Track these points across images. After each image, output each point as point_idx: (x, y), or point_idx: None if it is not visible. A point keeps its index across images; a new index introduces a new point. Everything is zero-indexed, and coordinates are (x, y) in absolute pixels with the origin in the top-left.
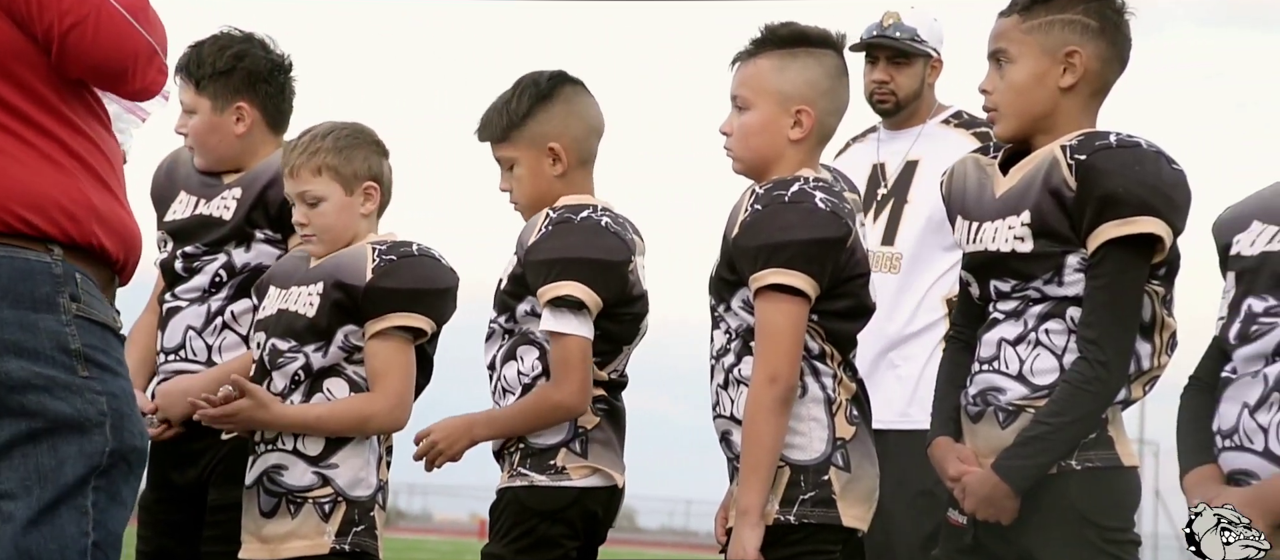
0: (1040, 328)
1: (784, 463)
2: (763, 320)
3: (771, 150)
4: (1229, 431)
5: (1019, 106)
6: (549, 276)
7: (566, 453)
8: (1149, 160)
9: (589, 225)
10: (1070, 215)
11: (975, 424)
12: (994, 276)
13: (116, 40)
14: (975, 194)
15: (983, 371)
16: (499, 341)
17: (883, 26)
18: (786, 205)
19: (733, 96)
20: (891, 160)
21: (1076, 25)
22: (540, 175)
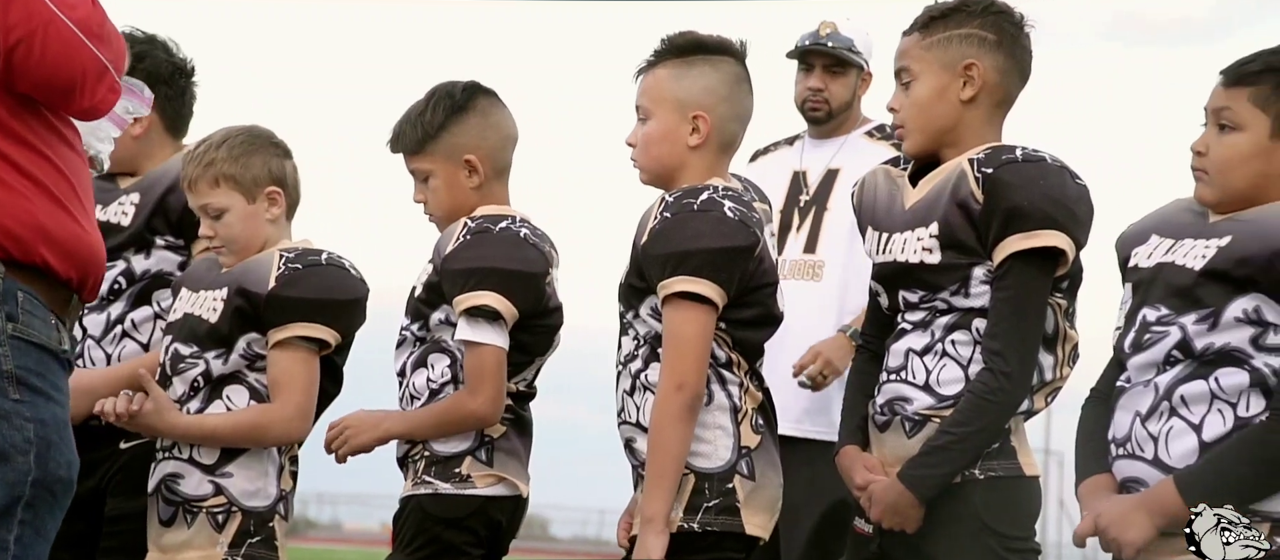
0: (947, 339)
1: (689, 470)
2: (670, 327)
3: (673, 158)
4: (1123, 440)
5: (923, 122)
6: (466, 286)
7: (471, 461)
8: (1053, 175)
9: (507, 236)
10: (977, 228)
11: (882, 433)
12: (902, 287)
13: (64, 58)
14: (885, 205)
15: (890, 381)
16: (410, 348)
17: (819, 35)
18: (695, 213)
19: (636, 107)
20: (813, 168)
21: (973, 38)
22: (456, 187)
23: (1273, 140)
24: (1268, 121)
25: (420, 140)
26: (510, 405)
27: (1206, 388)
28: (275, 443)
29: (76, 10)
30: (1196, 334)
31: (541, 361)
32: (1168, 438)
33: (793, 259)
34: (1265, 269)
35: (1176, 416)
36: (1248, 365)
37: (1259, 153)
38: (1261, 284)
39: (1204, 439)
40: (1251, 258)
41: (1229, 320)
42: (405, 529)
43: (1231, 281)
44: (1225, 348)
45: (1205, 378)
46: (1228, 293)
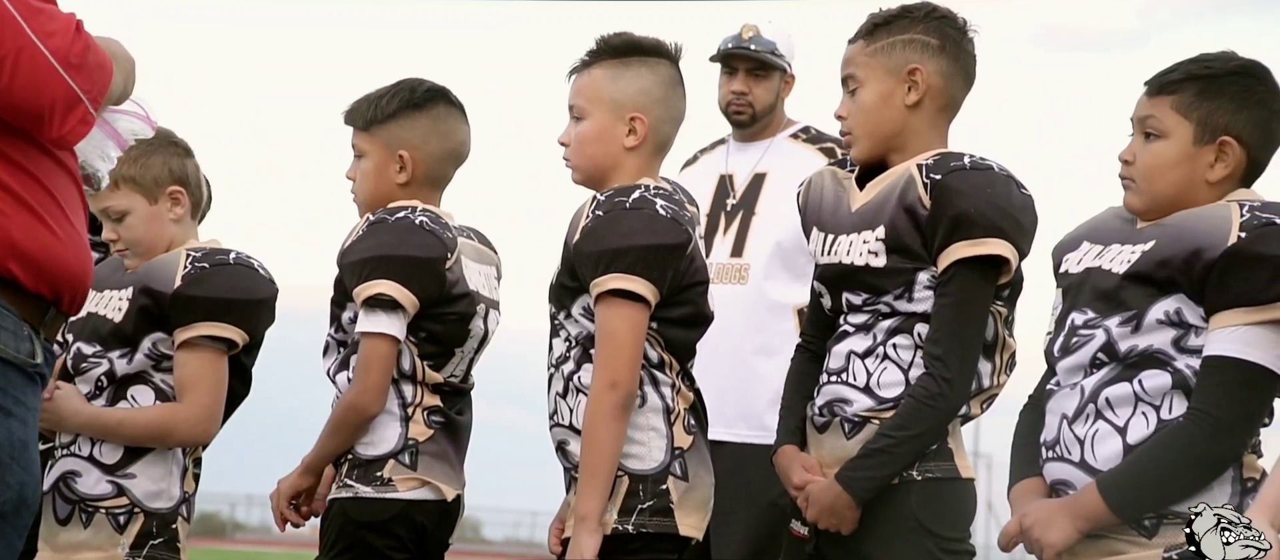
0: (888, 342)
1: (623, 472)
2: (603, 326)
3: (607, 158)
4: (1052, 443)
5: (870, 127)
6: (361, 276)
7: (394, 464)
8: (1000, 183)
9: (402, 224)
10: (923, 233)
11: (821, 434)
12: (846, 289)
13: (34, 86)
14: (831, 207)
15: (830, 383)
16: (334, 353)
17: (742, 38)
18: (628, 211)
19: (569, 107)
20: (740, 172)
21: (916, 44)
22: (383, 177)
23: (1196, 146)
24: (1190, 128)
25: (368, 120)
26: (438, 407)
27: (1130, 390)
28: (181, 444)
29: (53, 38)
30: (1120, 336)
31: (467, 354)
32: (1094, 440)
33: (719, 262)
34: (1184, 270)
35: (1102, 419)
36: (1170, 367)
37: (1183, 159)
38: (1181, 285)
39: (1129, 442)
40: (1171, 259)
41: (1151, 322)
42: (329, 532)
43: (1154, 284)
44: (1148, 350)
45: (1129, 380)
46: (1150, 295)
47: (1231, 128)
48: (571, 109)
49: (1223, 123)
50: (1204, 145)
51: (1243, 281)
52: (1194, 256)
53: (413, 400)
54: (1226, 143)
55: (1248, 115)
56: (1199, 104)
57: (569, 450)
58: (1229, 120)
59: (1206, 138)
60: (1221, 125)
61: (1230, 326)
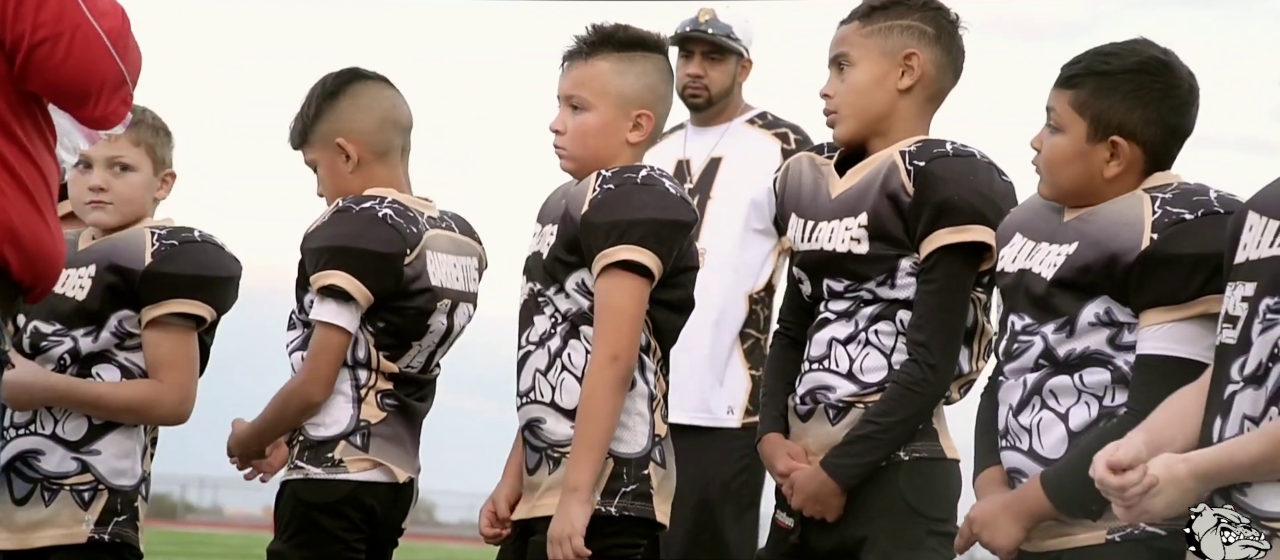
0: (870, 328)
1: (609, 455)
2: (607, 298)
3: (608, 151)
4: (1004, 432)
5: (858, 108)
6: (318, 264)
7: (345, 445)
8: (982, 171)
9: (366, 215)
10: (906, 220)
11: (805, 422)
12: (828, 276)
13: (87, 64)
14: (810, 193)
15: (812, 371)
16: (298, 331)
17: (698, 22)
18: (639, 186)
19: (567, 96)
20: (696, 156)
21: (914, 30)
22: (336, 172)
23: (1089, 144)
24: (1084, 125)
25: (302, 133)
26: (392, 391)
27: (1072, 383)
28: (160, 422)
29: (107, 18)
30: (1057, 342)
31: (426, 348)
32: (1039, 429)
33: None
34: (1105, 274)
35: (1046, 409)
36: (1110, 365)
37: (1078, 155)
38: (1105, 288)
39: (1071, 428)
40: (1091, 265)
41: (1084, 325)
42: (281, 515)
43: (1079, 288)
44: (1086, 351)
45: (1071, 375)
46: (1078, 300)
47: (1124, 127)
48: (570, 98)
49: (1115, 121)
50: (1097, 143)
51: (1160, 283)
52: (1112, 262)
53: (367, 383)
54: (1117, 142)
55: (1141, 114)
56: (1093, 102)
57: (544, 429)
58: (1122, 119)
59: (1099, 136)
60: (1114, 124)
61: (1157, 324)
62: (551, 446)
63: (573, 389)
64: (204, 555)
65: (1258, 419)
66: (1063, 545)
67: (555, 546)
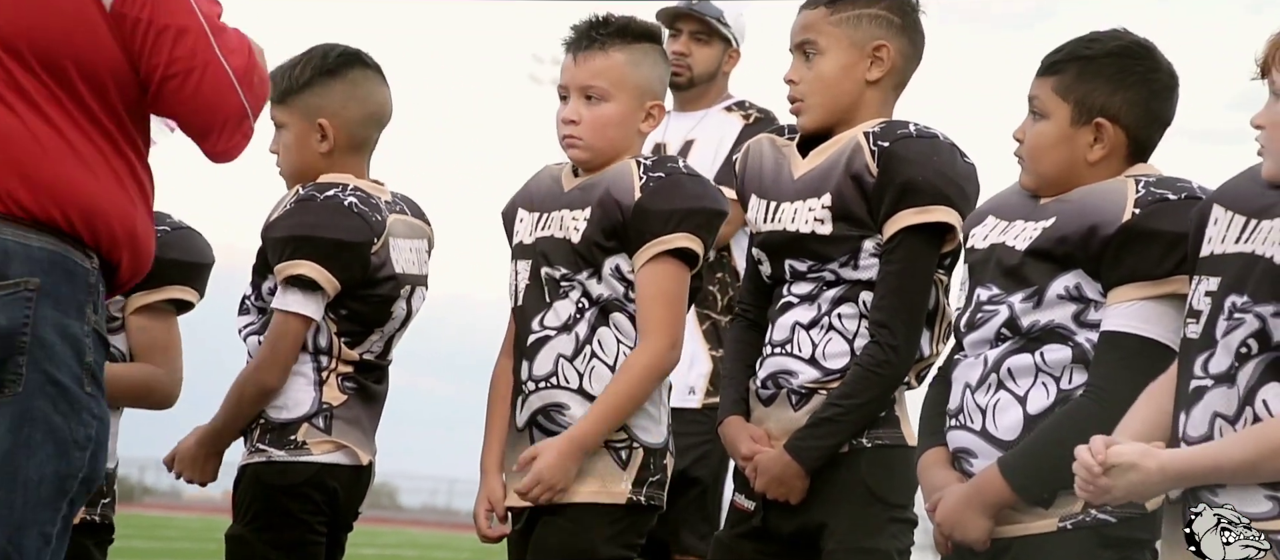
0: (833, 312)
1: (639, 444)
2: (663, 285)
3: (625, 142)
4: (955, 411)
5: (826, 97)
6: (284, 254)
7: (308, 427)
8: (945, 151)
9: (331, 204)
10: (869, 200)
11: (767, 407)
12: (790, 256)
13: (214, 101)
14: (773, 173)
15: (775, 355)
16: (253, 316)
17: (691, 2)
18: (687, 177)
19: (583, 87)
20: (674, 141)
21: (882, 20)
22: (306, 148)
23: (1073, 127)
24: (1068, 109)
25: (284, 91)
26: (352, 374)
27: (1031, 361)
28: (158, 406)
29: (235, 55)
30: (1023, 312)
31: (387, 334)
32: (995, 410)
33: None
34: (1081, 246)
35: (1003, 389)
36: (1071, 341)
37: (1062, 139)
38: (1079, 261)
39: (1028, 411)
40: (1069, 236)
41: (1052, 297)
42: (242, 499)
43: (1053, 260)
44: (1050, 325)
45: (1031, 352)
46: (1051, 271)
47: (1107, 109)
48: (587, 89)
49: (1098, 104)
50: (1081, 126)
51: (1136, 257)
52: (1090, 233)
53: (327, 366)
54: (1101, 124)
55: (1124, 96)
56: (1076, 85)
57: (566, 416)
58: (1105, 101)
59: (1083, 119)
60: (1097, 106)
61: (1126, 301)
62: (557, 432)
63: (603, 376)
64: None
65: (1232, 418)
66: (1014, 533)
67: (539, 486)
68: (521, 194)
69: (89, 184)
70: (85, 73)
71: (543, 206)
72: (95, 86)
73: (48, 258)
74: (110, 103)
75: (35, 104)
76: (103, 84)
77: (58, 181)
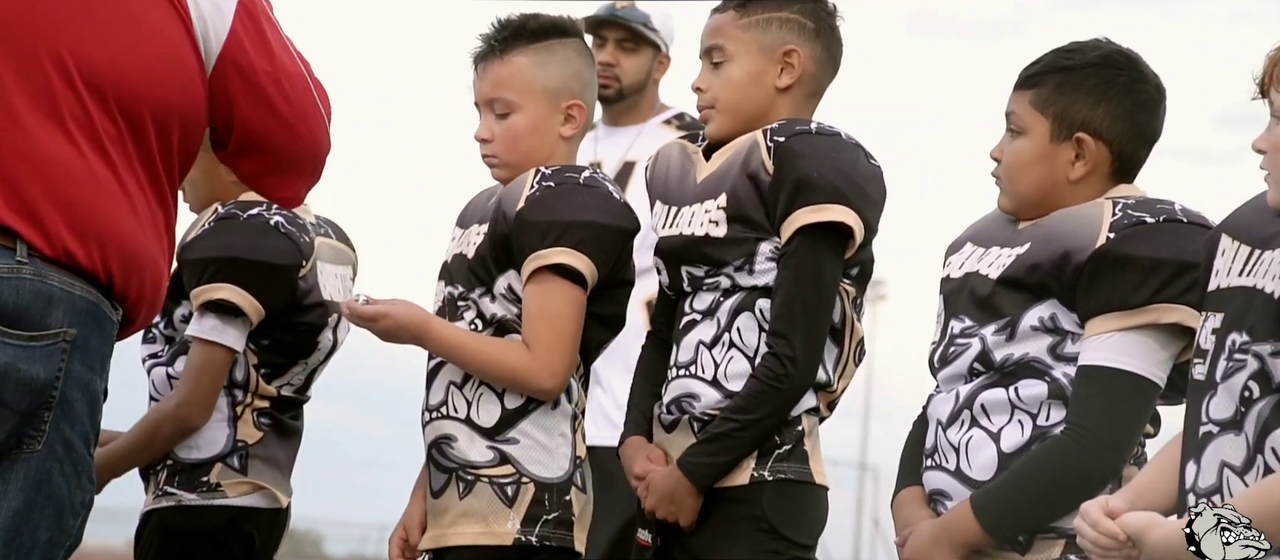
0: (733, 326)
1: (529, 479)
2: (544, 304)
3: (542, 151)
4: (930, 451)
5: (734, 104)
6: (203, 277)
7: (222, 468)
8: (847, 150)
9: (255, 224)
10: (765, 200)
11: (669, 433)
12: (686, 262)
13: (311, 147)
14: (678, 179)
15: (679, 376)
16: (159, 344)
17: (614, 8)
18: (581, 187)
19: (488, 101)
20: (609, 159)
21: (794, 24)
22: (219, 171)
23: (1053, 143)
24: (1047, 124)
25: None
26: (268, 409)
27: (1006, 397)
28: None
29: (326, 101)
30: (995, 345)
31: (310, 366)
32: (968, 448)
33: None
34: (1055, 274)
35: (977, 426)
36: (1047, 376)
37: (1041, 156)
38: (1053, 290)
39: (1003, 449)
40: (1042, 263)
41: (1026, 329)
42: (147, 547)
43: (1026, 289)
44: (1024, 358)
45: (1006, 387)
46: (1024, 301)
47: (1088, 123)
48: (492, 102)
49: (1079, 117)
50: (1062, 142)
51: (1112, 285)
52: (1063, 260)
53: (242, 401)
54: (1083, 139)
55: (1106, 108)
56: (1055, 99)
57: (454, 448)
58: (1086, 115)
59: (1063, 134)
60: (1078, 120)
61: (1104, 333)
62: (462, 467)
63: (492, 405)
64: None
65: (1241, 469)
66: None
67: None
68: (461, 212)
69: (135, 235)
70: (159, 120)
71: (466, 223)
72: (163, 134)
73: (87, 308)
74: (170, 151)
75: (101, 145)
76: (169, 131)
77: (107, 230)
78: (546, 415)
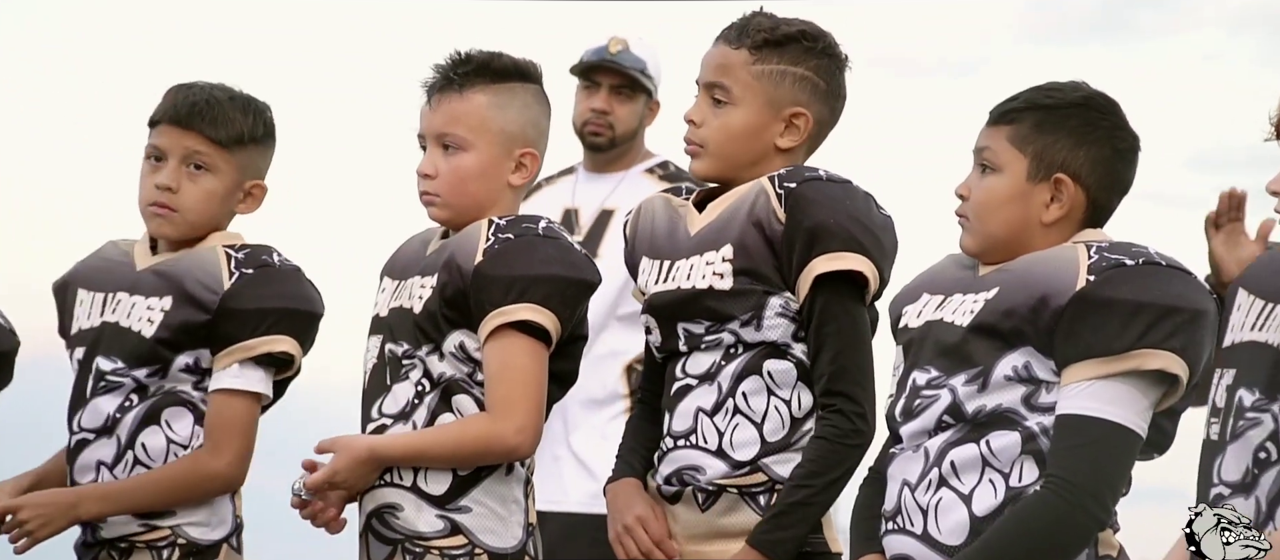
0: (737, 391)
1: (482, 550)
2: (506, 361)
3: (489, 197)
4: (892, 513)
5: (728, 153)
6: (260, 329)
7: (228, 549)
8: (860, 198)
9: (290, 271)
10: (776, 252)
11: (672, 505)
12: (685, 318)
13: None
14: (666, 231)
15: (678, 448)
16: (124, 397)
17: (609, 51)
18: (542, 238)
19: (438, 135)
20: (587, 206)
21: (807, 85)
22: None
23: (1030, 183)
24: (1025, 162)
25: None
26: None
27: (977, 452)
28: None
29: None
30: (967, 396)
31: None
32: (937, 511)
33: None
34: (1030, 320)
35: (946, 487)
36: (1021, 427)
37: (1016, 196)
38: (1029, 337)
39: (975, 512)
40: (1016, 308)
41: (999, 379)
42: None
43: (999, 336)
44: (997, 409)
45: (976, 441)
46: (996, 349)
47: (1068, 165)
48: (443, 137)
49: (1059, 159)
50: (1039, 182)
51: (1092, 330)
52: (1040, 304)
53: None
54: (1061, 181)
55: (1087, 152)
56: (1036, 137)
57: (399, 519)
58: (1067, 156)
59: (1041, 174)
60: (1058, 161)
61: (1084, 380)
62: (409, 539)
63: (442, 474)
64: None
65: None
66: None
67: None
68: (390, 260)
69: None
70: None
71: (403, 273)
72: None
73: None
74: None
75: None
76: None
77: None
78: (500, 482)
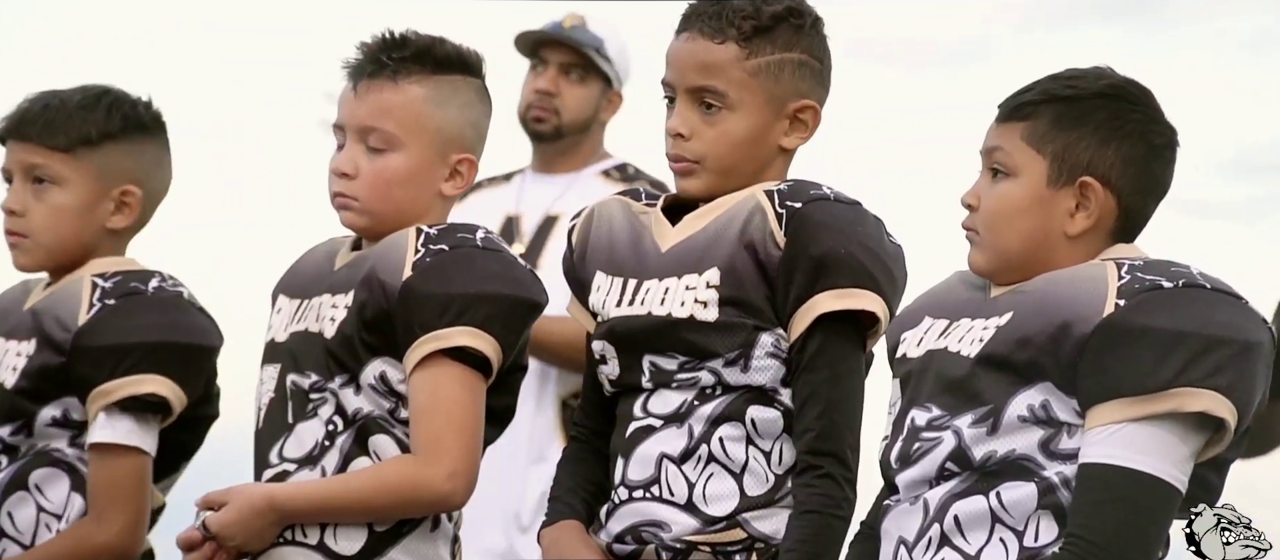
0: (711, 437)
1: None
2: (442, 393)
3: (414, 206)
4: None
5: (728, 164)
6: (119, 369)
7: None
8: (871, 223)
9: (165, 299)
10: (770, 280)
11: None
12: (654, 350)
13: None
14: (629, 243)
15: (635, 500)
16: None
17: (561, 26)
18: (481, 251)
19: (362, 128)
20: (530, 211)
21: (807, 70)
22: (91, 218)
23: (1050, 188)
24: (1044, 165)
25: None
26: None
27: (985, 506)
28: None
29: None
30: (974, 439)
31: (183, 470)
32: None
33: None
34: (1050, 350)
35: (949, 547)
36: (1038, 478)
37: (1035, 204)
38: (1048, 371)
39: None
40: (1033, 337)
41: (1012, 420)
42: None
43: (1013, 370)
44: (1010, 456)
45: (985, 493)
46: (1010, 385)
47: (1095, 166)
48: (367, 131)
49: (1084, 159)
50: (1061, 187)
51: (1123, 364)
52: (1061, 333)
53: None
54: (1088, 184)
55: (1116, 150)
56: (1056, 135)
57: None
58: (1093, 156)
59: (1063, 178)
60: (1083, 162)
61: (1112, 424)
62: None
63: (354, 531)
64: None
65: None
66: None
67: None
68: (286, 275)
69: None
70: None
71: (306, 291)
72: None
73: None
74: None
75: None
76: None
77: None
78: (423, 540)
